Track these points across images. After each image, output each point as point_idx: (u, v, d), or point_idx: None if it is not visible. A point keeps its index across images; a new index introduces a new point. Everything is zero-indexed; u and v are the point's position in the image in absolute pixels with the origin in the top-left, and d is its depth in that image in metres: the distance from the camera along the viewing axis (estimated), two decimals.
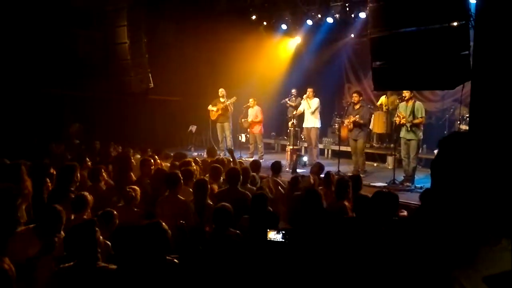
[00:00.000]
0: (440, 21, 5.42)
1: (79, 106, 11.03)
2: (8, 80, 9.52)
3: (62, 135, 9.88)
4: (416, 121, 7.55)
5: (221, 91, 10.72)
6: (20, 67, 9.67)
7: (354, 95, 8.80)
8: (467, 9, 5.23)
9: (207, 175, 5.99)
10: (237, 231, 3.88)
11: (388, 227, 3.96)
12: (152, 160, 6.36)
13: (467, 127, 8.32)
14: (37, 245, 3.20)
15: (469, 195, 1.15)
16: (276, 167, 6.49)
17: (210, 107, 10.86)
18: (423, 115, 7.63)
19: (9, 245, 3.09)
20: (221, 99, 10.70)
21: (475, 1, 5.31)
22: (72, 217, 3.98)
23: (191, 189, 5.02)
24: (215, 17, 11.16)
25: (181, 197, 4.76)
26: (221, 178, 5.88)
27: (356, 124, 8.50)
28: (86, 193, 4.23)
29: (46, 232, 3.30)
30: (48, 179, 4.74)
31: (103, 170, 5.64)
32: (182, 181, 4.93)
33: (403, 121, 7.60)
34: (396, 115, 7.82)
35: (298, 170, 8.42)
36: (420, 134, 7.65)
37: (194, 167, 5.98)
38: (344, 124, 9.07)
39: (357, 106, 8.62)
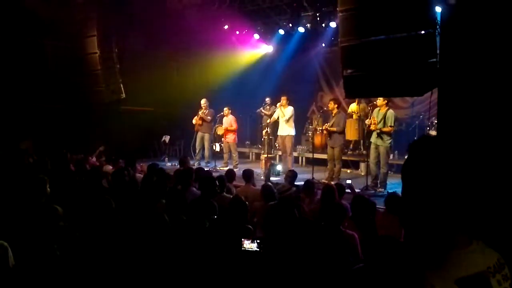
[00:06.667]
0: (408, 30, 5.56)
1: (48, 118, 10.77)
2: None
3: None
4: (384, 129, 7.65)
5: (203, 102, 10.67)
6: None
7: (330, 102, 8.89)
8: (433, 18, 5.39)
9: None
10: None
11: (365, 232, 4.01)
12: (125, 172, 6.25)
13: (435, 133, 8.52)
14: None
15: (439, 198, 1.16)
16: (247, 175, 6.44)
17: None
18: (393, 124, 7.70)
19: None
20: (200, 111, 10.66)
21: (440, 10, 5.47)
22: None
23: None
24: (187, 26, 11.13)
25: (157, 210, 4.67)
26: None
27: (330, 132, 8.59)
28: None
29: None
30: None
31: None
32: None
33: (372, 127, 7.74)
34: (369, 120, 7.95)
35: (272, 179, 8.41)
36: (389, 141, 7.74)
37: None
38: (318, 131, 9.15)
39: (333, 114, 8.72)
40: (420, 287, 1.05)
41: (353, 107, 10.78)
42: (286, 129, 9.72)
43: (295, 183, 6.47)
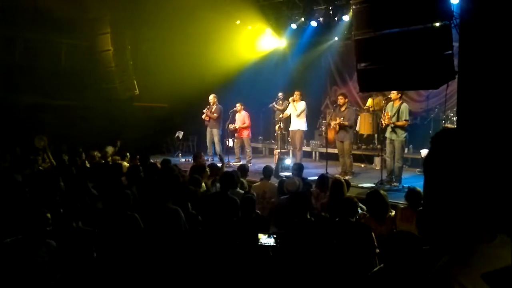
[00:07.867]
0: (423, 22, 5.49)
1: (63, 115, 10.89)
2: None
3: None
4: (398, 123, 7.49)
5: (211, 97, 10.70)
6: (3, 77, 9.53)
7: (340, 97, 8.83)
8: (449, 10, 5.31)
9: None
10: None
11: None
12: (140, 167, 6.31)
13: (452, 126, 8.40)
14: None
15: (464, 192, 1.14)
16: (267, 171, 6.45)
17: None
18: (407, 118, 7.50)
19: None
20: (205, 109, 10.72)
21: (457, 2, 5.40)
22: None
23: None
24: (200, 22, 11.14)
25: (172, 206, 4.70)
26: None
27: (341, 126, 8.54)
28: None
29: None
30: None
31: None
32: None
33: (386, 121, 7.63)
34: (383, 115, 7.85)
35: (282, 174, 8.38)
36: (403, 136, 7.57)
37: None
38: (331, 126, 9.10)
39: (343, 108, 8.65)
40: (448, 284, 1.04)
41: (369, 102, 10.69)
42: (297, 124, 9.66)
43: (310, 178, 6.46)
